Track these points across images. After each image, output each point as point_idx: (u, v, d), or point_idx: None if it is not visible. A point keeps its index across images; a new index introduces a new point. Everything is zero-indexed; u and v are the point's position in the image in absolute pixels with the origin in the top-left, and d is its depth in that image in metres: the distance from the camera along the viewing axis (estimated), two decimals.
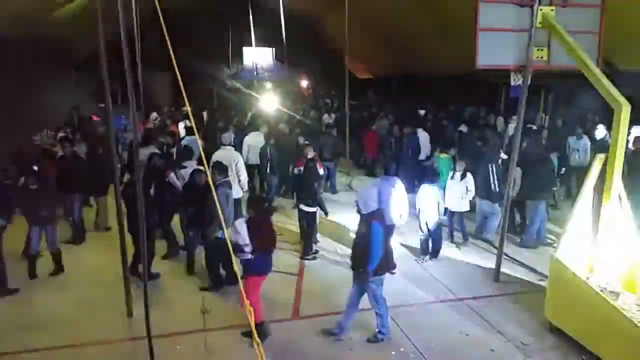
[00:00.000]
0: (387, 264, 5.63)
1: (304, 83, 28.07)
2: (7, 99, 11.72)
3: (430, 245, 8.00)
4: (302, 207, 8.23)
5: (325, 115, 17.43)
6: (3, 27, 10.22)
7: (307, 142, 9.81)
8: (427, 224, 7.82)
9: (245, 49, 25.23)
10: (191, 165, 8.11)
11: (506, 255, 7.56)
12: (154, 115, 14.62)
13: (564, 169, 10.19)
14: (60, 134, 11.63)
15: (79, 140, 10.49)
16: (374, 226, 5.33)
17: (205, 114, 16.36)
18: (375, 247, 5.30)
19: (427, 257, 7.94)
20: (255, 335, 3.42)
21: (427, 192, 7.74)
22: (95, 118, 14.50)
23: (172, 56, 4.61)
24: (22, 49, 12.06)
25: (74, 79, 16.87)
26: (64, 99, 14.99)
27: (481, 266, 7.76)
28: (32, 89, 13.00)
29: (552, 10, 6.59)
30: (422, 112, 16.21)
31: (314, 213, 8.29)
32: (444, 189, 8.32)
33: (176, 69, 4.76)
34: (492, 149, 9.59)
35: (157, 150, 9.23)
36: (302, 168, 8.54)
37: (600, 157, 5.75)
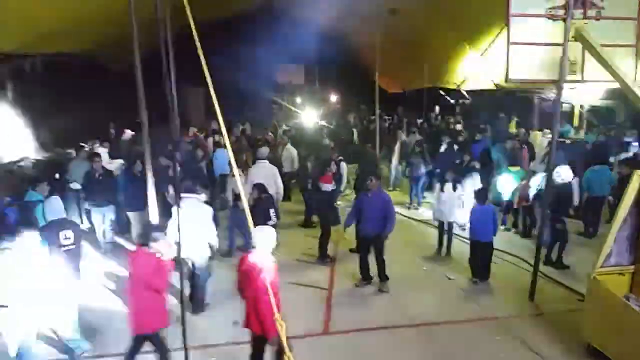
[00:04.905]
0: None
1: (334, 98, 28.29)
2: (45, 113, 12.26)
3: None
4: None
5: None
6: (38, 44, 10.71)
7: (341, 158, 9.96)
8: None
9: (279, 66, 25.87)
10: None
11: (541, 272, 7.39)
12: (193, 130, 14.92)
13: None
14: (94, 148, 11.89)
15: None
16: None
17: (247, 127, 16.46)
18: None
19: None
20: (287, 349, 3.45)
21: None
22: (130, 132, 14.83)
23: (206, 70, 4.74)
24: (58, 64, 12.61)
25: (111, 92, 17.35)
26: (101, 113, 15.46)
27: (515, 283, 7.60)
28: (69, 103, 13.51)
29: (585, 23, 6.51)
30: (459, 126, 16.05)
31: None
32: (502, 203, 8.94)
33: (209, 83, 4.89)
34: None
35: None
36: (330, 185, 8.55)
37: (638, 173, 5.60)
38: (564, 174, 7.99)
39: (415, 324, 6.42)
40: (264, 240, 4.75)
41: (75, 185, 8.09)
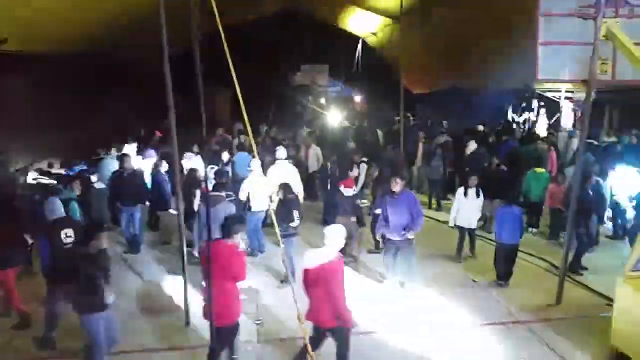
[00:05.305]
0: None
1: (358, 98, 28.22)
2: (73, 116, 12.60)
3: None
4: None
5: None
6: (67, 45, 11.00)
7: (363, 160, 9.97)
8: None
9: (302, 67, 26.02)
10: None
11: (569, 276, 7.24)
12: (221, 131, 15.05)
13: None
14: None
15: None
16: None
17: (274, 130, 16.43)
18: None
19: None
20: (310, 348, 3.47)
21: None
22: (159, 133, 15.11)
23: (233, 73, 4.79)
24: (85, 66, 12.92)
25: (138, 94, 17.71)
26: (129, 115, 15.81)
27: (542, 287, 7.44)
28: (97, 105, 13.84)
29: (617, 22, 6.35)
30: (481, 127, 15.76)
31: None
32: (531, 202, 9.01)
33: (237, 85, 4.95)
34: None
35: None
36: (350, 189, 8.51)
37: None
38: None
39: (439, 327, 6.36)
40: (334, 238, 4.97)
41: (100, 185, 8.28)
